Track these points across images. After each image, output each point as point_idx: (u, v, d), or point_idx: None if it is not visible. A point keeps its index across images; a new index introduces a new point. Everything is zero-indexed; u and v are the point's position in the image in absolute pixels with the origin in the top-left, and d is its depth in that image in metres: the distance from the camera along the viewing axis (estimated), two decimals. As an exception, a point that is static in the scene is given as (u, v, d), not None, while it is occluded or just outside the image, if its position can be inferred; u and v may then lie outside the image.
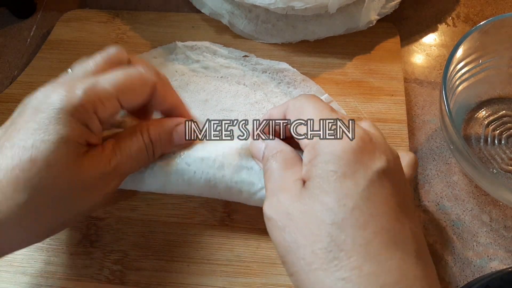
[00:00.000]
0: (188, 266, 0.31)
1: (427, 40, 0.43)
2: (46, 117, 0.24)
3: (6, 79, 0.43)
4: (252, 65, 0.40)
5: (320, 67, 0.40)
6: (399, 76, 0.39)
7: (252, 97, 0.38)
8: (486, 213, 0.34)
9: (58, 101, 0.24)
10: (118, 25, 0.44)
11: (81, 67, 0.27)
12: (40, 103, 0.25)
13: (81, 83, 0.25)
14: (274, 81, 0.39)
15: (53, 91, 0.25)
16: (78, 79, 0.26)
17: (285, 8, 0.39)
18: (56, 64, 0.42)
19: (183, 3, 0.46)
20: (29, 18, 0.47)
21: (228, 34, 0.43)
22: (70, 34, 0.43)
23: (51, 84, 0.26)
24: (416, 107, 0.39)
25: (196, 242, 0.32)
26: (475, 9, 0.45)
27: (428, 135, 0.38)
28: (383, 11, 0.41)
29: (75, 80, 0.26)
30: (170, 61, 0.41)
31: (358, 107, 0.38)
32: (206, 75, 0.40)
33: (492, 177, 0.29)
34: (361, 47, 0.41)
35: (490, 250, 0.33)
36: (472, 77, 0.37)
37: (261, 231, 0.32)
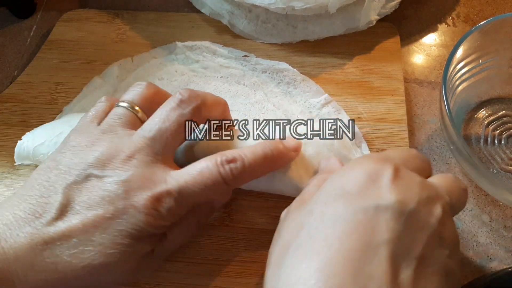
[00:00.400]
0: (188, 266, 0.31)
1: (427, 40, 0.43)
2: (128, 230, 0.24)
3: (6, 79, 0.43)
4: (252, 65, 0.40)
5: (320, 67, 0.40)
6: (399, 76, 0.39)
7: (252, 97, 0.38)
8: (486, 213, 0.34)
9: (144, 222, 0.24)
10: (118, 25, 0.44)
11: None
12: (125, 212, 0.24)
13: (168, 200, 0.25)
14: (274, 81, 0.39)
15: (141, 203, 0.24)
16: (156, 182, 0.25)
17: (285, 8, 0.39)
18: (56, 64, 0.42)
19: (183, 3, 0.46)
20: (29, 18, 0.47)
21: (228, 34, 0.43)
22: (70, 34, 0.43)
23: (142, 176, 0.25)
24: (416, 107, 0.39)
25: (196, 242, 0.32)
26: (475, 9, 0.45)
27: (428, 135, 0.38)
28: (383, 11, 0.41)
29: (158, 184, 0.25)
30: (170, 61, 0.41)
31: (358, 107, 0.38)
32: (206, 75, 0.40)
33: (492, 177, 0.29)
34: (361, 47, 0.41)
35: (490, 250, 0.33)
36: (472, 77, 0.37)
37: (261, 231, 0.32)
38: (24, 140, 0.34)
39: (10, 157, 0.36)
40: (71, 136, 0.27)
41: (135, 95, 0.28)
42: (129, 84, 0.39)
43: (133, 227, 0.24)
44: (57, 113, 0.39)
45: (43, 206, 0.24)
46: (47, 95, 0.40)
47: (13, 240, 0.23)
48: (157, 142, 0.26)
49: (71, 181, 0.24)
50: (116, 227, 0.23)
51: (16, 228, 0.23)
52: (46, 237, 0.23)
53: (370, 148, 0.36)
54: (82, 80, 0.40)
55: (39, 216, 0.24)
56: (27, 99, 0.40)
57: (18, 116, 0.39)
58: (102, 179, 0.24)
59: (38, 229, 0.23)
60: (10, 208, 0.24)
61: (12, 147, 0.35)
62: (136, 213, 0.24)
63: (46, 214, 0.24)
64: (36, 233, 0.23)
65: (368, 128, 0.37)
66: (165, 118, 0.26)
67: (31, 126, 0.37)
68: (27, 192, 0.25)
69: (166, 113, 0.27)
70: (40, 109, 0.39)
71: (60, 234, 0.23)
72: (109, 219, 0.23)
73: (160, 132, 0.26)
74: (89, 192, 0.24)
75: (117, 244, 0.23)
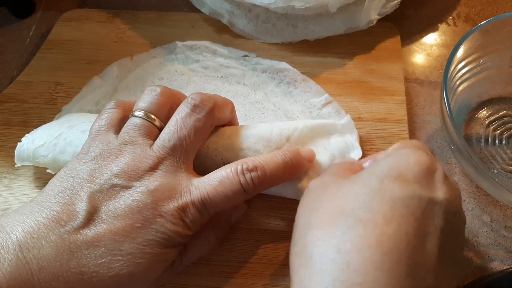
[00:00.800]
0: (188, 266, 0.31)
1: (427, 40, 0.43)
2: (156, 240, 0.24)
3: (5, 79, 0.43)
4: (252, 65, 0.40)
5: (321, 67, 0.40)
6: (400, 76, 0.39)
7: (252, 97, 0.38)
8: (487, 213, 0.34)
9: (172, 232, 0.24)
10: (117, 25, 0.44)
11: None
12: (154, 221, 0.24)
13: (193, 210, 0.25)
14: (274, 81, 0.39)
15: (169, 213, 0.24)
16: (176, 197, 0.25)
17: (285, 8, 0.39)
18: (55, 64, 0.41)
19: (183, 3, 0.46)
20: (28, 17, 0.47)
21: (228, 34, 0.43)
22: (69, 34, 0.43)
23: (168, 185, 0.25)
24: (416, 107, 0.39)
25: (196, 243, 0.32)
26: (475, 9, 0.45)
27: (428, 135, 0.38)
28: (383, 10, 0.41)
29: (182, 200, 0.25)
30: (170, 61, 0.41)
31: (358, 107, 0.38)
32: (206, 75, 0.40)
33: (493, 177, 0.29)
34: (362, 46, 0.41)
35: (491, 251, 0.33)
36: (472, 77, 0.37)
37: (262, 231, 0.32)
38: (24, 142, 0.34)
39: (10, 157, 0.36)
40: (91, 146, 0.27)
41: (149, 103, 0.28)
42: (129, 84, 0.39)
43: (162, 236, 0.24)
44: (57, 113, 0.38)
45: (68, 213, 0.23)
46: (46, 95, 0.40)
47: (37, 250, 0.22)
48: (177, 151, 0.26)
49: (96, 189, 0.24)
50: (145, 236, 0.23)
51: (40, 237, 0.22)
52: (72, 246, 0.22)
53: (370, 148, 0.36)
54: (81, 80, 0.40)
55: (64, 224, 0.23)
56: (26, 99, 0.40)
57: (17, 116, 0.39)
58: (129, 189, 0.24)
59: (64, 237, 0.22)
60: (31, 215, 0.23)
61: (11, 147, 0.35)
62: (165, 222, 0.24)
63: (72, 222, 0.23)
64: (61, 242, 0.22)
65: (369, 128, 0.37)
66: (182, 125, 0.26)
67: (30, 126, 0.37)
68: (48, 199, 0.24)
69: (181, 120, 0.27)
70: (40, 109, 0.39)
71: (88, 243, 0.22)
72: (139, 228, 0.23)
73: (180, 141, 0.26)
74: (116, 202, 0.24)
75: (146, 254, 0.23)
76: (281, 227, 0.32)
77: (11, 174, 0.36)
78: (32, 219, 0.23)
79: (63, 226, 0.23)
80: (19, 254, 0.21)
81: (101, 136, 0.27)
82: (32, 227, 0.22)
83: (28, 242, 0.22)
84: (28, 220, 0.23)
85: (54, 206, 0.23)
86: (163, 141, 0.26)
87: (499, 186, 0.29)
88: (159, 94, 0.28)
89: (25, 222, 0.23)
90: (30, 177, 0.36)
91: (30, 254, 0.22)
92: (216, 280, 0.31)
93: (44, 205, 0.24)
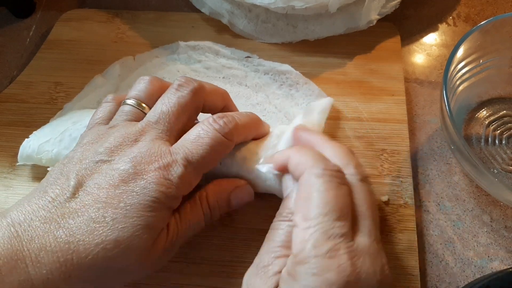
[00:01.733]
0: (188, 266, 0.31)
1: (427, 40, 0.43)
2: (140, 203, 0.24)
3: (5, 79, 0.43)
4: (254, 66, 0.40)
5: (321, 67, 0.40)
6: (400, 76, 0.39)
7: (254, 99, 0.38)
8: (487, 213, 0.34)
9: (155, 191, 0.24)
10: (117, 25, 0.44)
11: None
12: (136, 185, 0.24)
13: (176, 167, 0.25)
14: (276, 83, 0.39)
15: (150, 174, 0.25)
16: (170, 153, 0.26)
17: (285, 8, 0.39)
18: (55, 64, 0.42)
19: (183, 3, 0.46)
20: (28, 17, 0.47)
21: (228, 34, 0.43)
22: (69, 34, 0.43)
23: (148, 151, 0.25)
24: (416, 107, 0.39)
25: (196, 243, 0.32)
26: (475, 9, 0.45)
27: (428, 135, 0.38)
28: (383, 10, 0.41)
29: (167, 155, 0.25)
30: (172, 60, 0.41)
31: (358, 107, 0.38)
32: (208, 76, 0.40)
33: (493, 177, 0.28)
34: (362, 47, 0.41)
35: (491, 251, 0.33)
36: (472, 77, 0.37)
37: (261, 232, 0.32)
38: (30, 138, 0.34)
39: (10, 157, 0.36)
40: (84, 137, 0.28)
41: (140, 91, 0.29)
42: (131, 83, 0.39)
43: (145, 198, 0.24)
44: (57, 112, 0.38)
45: (57, 192, 0.24)
46: (46, 95, 0.40)
47: (27, 224, 0.23)
48: (160, 124, 0.27)
49: (83, 167, 0.25)
50: (127, 201, 0.24)
51: (31, 213, 0.24)
52: (59, 217, 0.23)
53: (370, 148, 0.36)
54: (81, 80, 0.40)
55: (52, 201, 0.24)
56: (26, 99, 0.40)
57: (18, 116, 0.39)
58: (111, 162, 0.25)
59: (52, 211, 0.24)
60: (27, 200, 0.25)
61: (11, 147, 0.35)
62: (146, 183, 0.24)
63: (59, 197, 0.24)
64: (50, 215, 0.23)
65: (369, 128, 0.37)
66: (166, 102, 0.28)
67: (30, 126, 0.37)
68: (42, 186, 0.25)
69: (166, 97, 0.28)
70: (40, 109, 0.39)
71: (73, 213, 0.23)
72: (121, 193, 0.24)
73: (163, 115, 0.27)
74: (99, 175, 0.25)
75: (129, 218, 0.23)
76: (281, 227, 0.32)
77: (11, 174, 0.36)
78: (28, 203, 0.24)
79: (52, 202, 0.24)
80: (11, 228, 0.23)
81: (93, 128, 0.28)
82: (25, 207, 0.24)
83: (20, 219, 0.23)
84: (25, 205, 0.24)
85: (46, 188, 0.25)
86: (147, 117, 0.27)
87: (499, 186, 0.29)
88: (149, 83, 0.29)
89: (20, 204, 0.24)
90: (30, 177, 0.36)
91: (22, 228, 0.23)
92: (216, 280, 0.31)
93: (37, 190, 0.25)
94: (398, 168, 0.35)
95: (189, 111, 0.28)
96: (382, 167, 0.35)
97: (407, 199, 0.33)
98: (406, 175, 0.34)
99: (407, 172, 0.35)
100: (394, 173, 0.35)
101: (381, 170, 0.35)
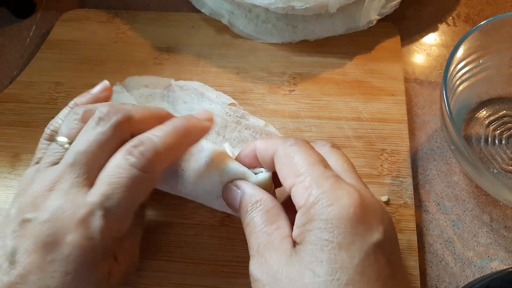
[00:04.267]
0: (188, 266, 0.31)
1: (427, 40, 0.43)
2: (73, 269, 0.23)
3: (5, 79, 0.43)
4: (237, 117, 0.37)
5: (321, 67, 0.40)
6: (400, 76, 0.39)
7: (229, 154, 0.34)
8: (487, 213, 0.34)
9: (81, 256, 0.23)
10: (117, 25, 0.44)
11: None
12: (60, 254, 0.23)
13: (95, 221, 0.23)
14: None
15: (70, 238, 0.23)
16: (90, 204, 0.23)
17: (285, 8, 0.39)
18: (55, 64, 0.42)
19: (183, 3, 0.46)
20: (28, 17, 0.47)
21: (228, 34, 0.43)
22: (69, 34, 0.43)
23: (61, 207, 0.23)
24: (416, 107, 0.39)
25: (196, 243, 0.32)
26: (475, 9, 0.45)
27: (428, 135, 0.38)
28: (383, 10, 0.41)
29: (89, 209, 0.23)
30: (160, 96, 0.39)
31: (358, 107, 0.38)
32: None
33: (493, 177, 0.29)
34: (362, 47, 0.41)
35: (491, 250, 0.33)
36: (472, 77, 0.37)
37: (261, 231, 0.32)
38: None
39: (10, 157, 0.36)
40: (22, 179, 0.26)
41: (72, 129, 0.26)
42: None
43: (75, 264, 0.23)
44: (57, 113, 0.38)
45: (2, 259, 0.23)
46: (46, 95, 0.40)
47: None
48: (76, 166, 0.24)
49: (14, 229, 0.24)
50: (61, 269, 0.22)
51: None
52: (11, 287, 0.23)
53: (370, 148, 0.36)
54: (81, 80, 0.40)
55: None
56: (26, 99, 0.40)
57: (18, 116, 0.39)
58: (32, 221, 0.23)
59: (4, 282, 0.23)
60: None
61: (11, 147, 0.35)
62: (71, 250, 0.23)
63: (4, 264, 0.23)
64: (2, 285, 0.23)
65: (369, 128, 0.37)
66: (84, 139, 0.25)
67: (30, 126, 0.37)
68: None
69: (85, 134, 0.25)
70: (40, 109, 0.39)
71: (19, 283, 0.22)
72: (50, 263, 0.22)
73: (79, 156, 0.24)
74: (27, 239, 0.23)
75: (70, 284, 0.22)
76: (281, 227, 0.32)
77: (11, 174, 0.36)
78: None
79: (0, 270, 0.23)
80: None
81: (28, 170, 0.27)
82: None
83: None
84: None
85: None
86: (65, 159, 0.25)
87: (499, 186, 0.29)
88: (79, 119, 0.26)
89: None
90: (30, 177, 0.36)
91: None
92: (216, 280, 0.31)
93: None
94: (398, 168, 0.35)
95: (110, 147, 0.25)
96: (382, 167, 0.35)
97: (407, 199, 0.33)
98: (406, 175, 0.34)
99: (407, 172, 0.35)
100: (394, 173, 0.35)
101: (381, 170, 0.35)
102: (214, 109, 0.37)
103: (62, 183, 0.24)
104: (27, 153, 0.37)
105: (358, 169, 0.35)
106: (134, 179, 0.23)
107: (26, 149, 0.37)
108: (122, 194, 0.23)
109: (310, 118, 0.37)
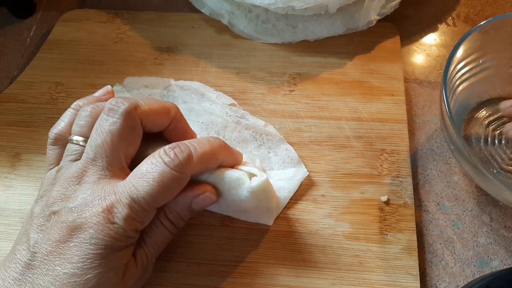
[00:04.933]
0: (188, 266, 0.31)
1: (427, 40, 0.43)
2: (93, 253, 0.24)
3: (6, 79, 0.43)
4: (237, 117, 0.37)
5: (320, 67, 0.40)
6: (399, 76, 0.39)
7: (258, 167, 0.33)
8: (486, 213, 0.34)
9: (102, 240, 0.24)
10: (118, 25, 0.44)
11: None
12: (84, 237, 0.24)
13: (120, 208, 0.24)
14: (256, 141, 0.36)
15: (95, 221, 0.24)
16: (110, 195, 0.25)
17: (285, 8, 0.39)
18: (56, 64, 0.42)
19: (183, 3, 0.46)
20: (29, 18, 0.47)
21: (228, 34, 0.43)
22: (70, 34, 0.43)
23: (91, 195, 0.25)
24: (416, 107, 0.39)
25: (196, 242, 0.32)
26: (475, 9, 0.45)
27: (428, 135, 0.38)
28: (383, 11, 0.41)
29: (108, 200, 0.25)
30: (160, 96, 0.39)
31: (358, 107, 0.38)
32: (189, 118, 0.35)
33: (493, 177, 0.29)
34: (361, 47, 0.41)
35: (490, 250, 0.33)
36: (472, 77, 0.37)
37: (261, 231, 0.32)
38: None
39: (10, 157, 0.36)
40: (41, 184, 0.28)
41: (83, 127, 0.28)
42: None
43: (96, 247, 0.24)
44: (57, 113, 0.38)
45: (23, 253, 0.25)
46: (46, 95, 0.40)
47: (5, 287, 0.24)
48: (98, 159, 0.26)
49: (39, 223, 0.25)
50: (81, 253, 0.24)
51: (7, 278, 0.24)
52: (31, 278, 0.24)
53: (370, 148, 0.36)
54: (81, 80, 0.40)
55: (19, 261, 0.24)
56: (27, 99, 0.40)
57: (18, 116, 0.39)
58: (60, 212, 0.25)
59: (24, 274, 0.24)
60: (4, 263, 0.25)
61: (11, 147, 0.35)
62: (93, 232, 0.24)
63: (24, 258, 0.24)
64: (22, 277, 0.24)
65: (368, 128, 0.37)
66: (99, 131, 0.26)
67: (30, 126, 0.37)
68: (15, 242, 0.26)
69: (99, 127, 0.26)
70: (40, 109, 0.39)
71: (39, 273, 0.24)
72: (72, 247, 0.24)
73: (98, 149, 0.26)
74: (52, 230, 0.24)
75: (88, 270, 0.23)
76: (281, 227, 0.32)
77: (12, 174, 0.36)
78: (3, 264, 0.25)
79: (20, 263, 0.24)
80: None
81: (47, 174, 0.28)
82: (3, 272, 0.24)
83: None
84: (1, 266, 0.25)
85: (15, 248, 0.25)
86: (86, 154, 0.26)
87: (499, 186, 0.29)
88: (88, 116, 0.28)
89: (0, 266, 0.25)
90: (30, 177, 0.36)
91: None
92: (216, 280, 0.31)
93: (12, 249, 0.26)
94: (397, 168, 0.35)
95: (125, 136, 0.26)
96: (382, 167, 0.35)
97: (406, 199, 0.33)
98: (405, 175, 0.34)
99: (406, 172, 0.35)
100: (393, 173, 0.35)
101: (380, 170, 0.35)
102: (215, 109, 0.37)
103: (89, 176, 0.25)
104: (27, 153, 0.37)
105: (358, 169, 0.35)
106: (164, 175, 0.25)
107: (26, 149, 0.37)
108: (151, 187, 0.24)
109: (310, 118, 0.38)
